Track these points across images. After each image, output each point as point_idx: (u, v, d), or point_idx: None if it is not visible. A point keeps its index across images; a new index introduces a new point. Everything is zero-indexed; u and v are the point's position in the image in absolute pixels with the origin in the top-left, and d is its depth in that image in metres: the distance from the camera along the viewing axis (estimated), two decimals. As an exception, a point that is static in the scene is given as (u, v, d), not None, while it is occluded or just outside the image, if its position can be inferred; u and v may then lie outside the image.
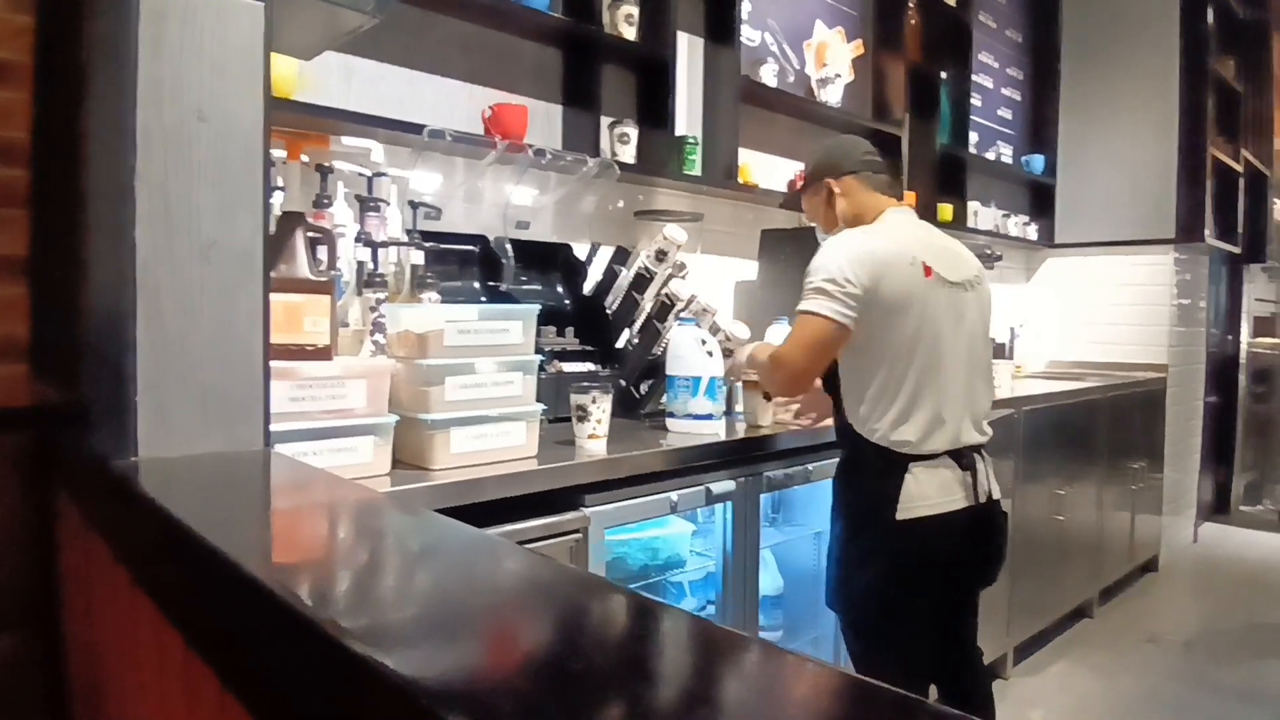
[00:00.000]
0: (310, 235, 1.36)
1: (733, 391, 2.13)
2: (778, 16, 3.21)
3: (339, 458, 1.31)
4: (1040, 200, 4.74)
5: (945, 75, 3.86)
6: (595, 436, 1.69)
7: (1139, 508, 4.07)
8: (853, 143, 1.95)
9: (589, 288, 2.34)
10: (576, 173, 2.32)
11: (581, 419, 1.69)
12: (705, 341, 1.95)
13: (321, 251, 1.39)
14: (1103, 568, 3.81)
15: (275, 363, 1.22)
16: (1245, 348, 5.60)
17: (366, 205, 1.70)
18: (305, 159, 1.71)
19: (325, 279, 1.33)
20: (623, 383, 2.16)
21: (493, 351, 1.50)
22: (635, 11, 2.52)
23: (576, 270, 2.34)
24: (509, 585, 0.65)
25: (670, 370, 1.95)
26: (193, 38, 1.11)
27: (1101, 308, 4.61)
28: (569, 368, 2.09)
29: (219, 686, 0.67)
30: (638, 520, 1.74)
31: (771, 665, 0.50)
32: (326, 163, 1.72)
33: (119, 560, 1.01)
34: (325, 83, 1.95)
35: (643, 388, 2.20)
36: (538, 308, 1.59)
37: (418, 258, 1.70)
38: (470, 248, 1.99)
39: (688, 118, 2.82)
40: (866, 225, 1.81)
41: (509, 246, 2.10)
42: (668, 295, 2.19)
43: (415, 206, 1.80)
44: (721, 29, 2.84)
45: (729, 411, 2.02)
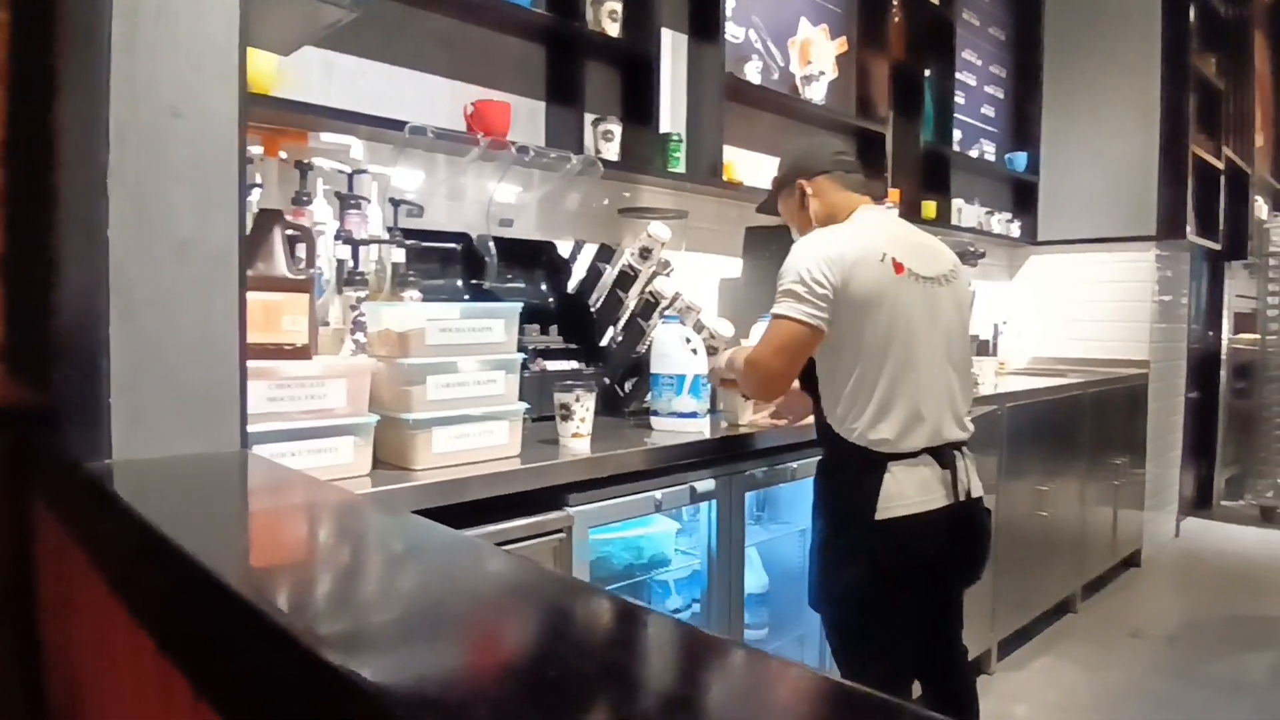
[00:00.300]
0: (288, 233, 1.34)
1: (715, 390, 2.13)
2: (762, 13, 3.20)
3: (319, 458, 1.29)
4: (1023, 197, 4.76)
5: (929, 73, 3.87)
6: (579, 435, 1.68)
7: (1121, 503, 4.10)
8: (823, 143, 1.96)
9: (573, 286, 2.33)
10: (560, 170, 2.31)
11: (565, 418, 1.68)
12: (689, 340, 1.94)
13: (300, 249, 1.38)
14: (1086, 563, 3.84)
15: (253, 362, 1.20)
16: (1226, 344, 5.65)
17: (347, 202, 1.68)
18: (284, 156, 1.69)
19: (304, 277, 1.32)
20: (607, 381, 2.15)
21: (475, 350, 1.49)
22: (619, 8, 2.51)
23: (560, 268, 2.33)
24: (486, 589, 0.65)
25: (654, 368, 1.95)
26: (167, 33, 1.09)
27: (1084, 304, 4.63)
28: (553, 366, 2.08)
29: (192, 694, 0.66)
30: (622, 519, 1.73)
31: (751, 669, 0.50)
32: (306, 159, 1.71)
33: (94, 564, 1.00)
34: (305, 78, 1.93)
35: (627, 386, 2.19)
36: (520, 306, 1.58)
37: (399, 256, 1.69)
38: (453, 245, 1.97)
39: (672, 115, 2.81)
40: (839, 224, 1.81)
41: (492, 244, 2.09)
42: (652, 293, 2.18)
43: (396, 204, 1.79)
44: (706, 26, 2.83)
45: (713, 409, 2.02)
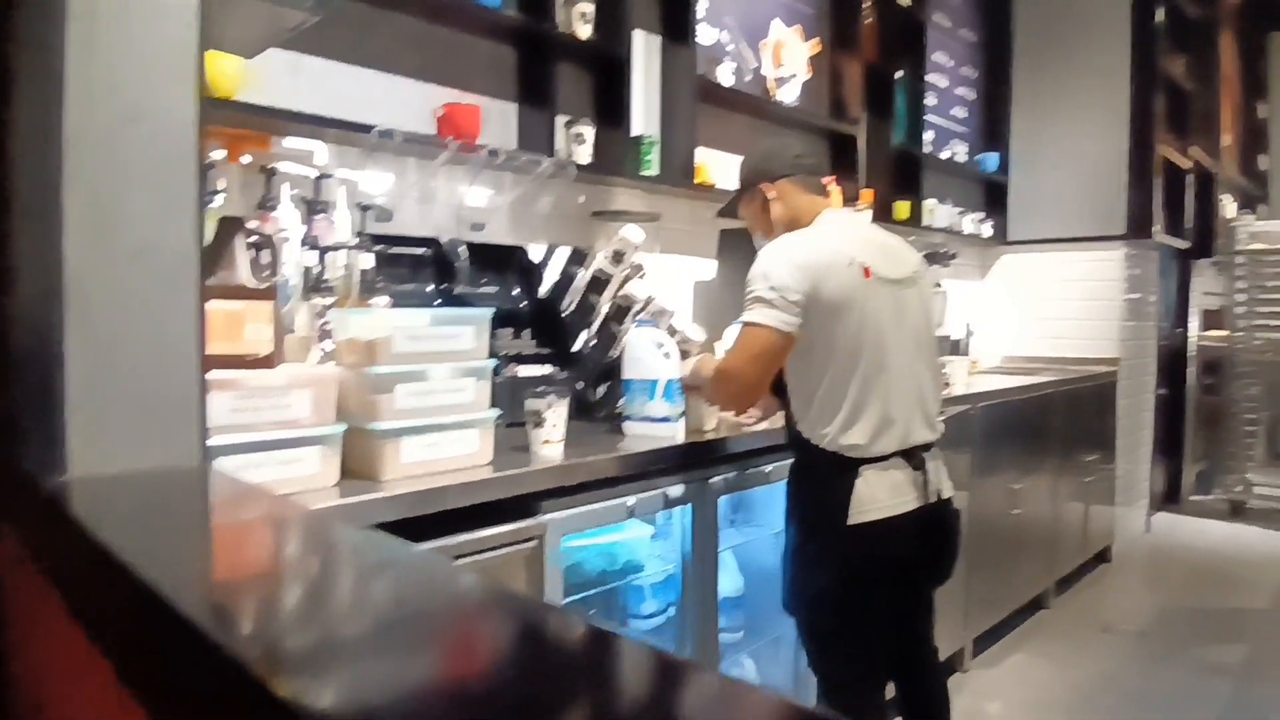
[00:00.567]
0: (251, 240, 1.32)
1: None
2: (735, 15, 3.20)
3: (284, 470, 1.27)
4: (994, 198, 4.80)
5: (900, 74, 3.89)
6: (551, 442, 1.67)
7: (1092, 499, 4.15)
8: (783, 145, 1.94)
9: (545, 290, 2.31)
10: (532, 173, 2.29)
11: (537, 425, 1.67)
12: (662, 344, 1.93)
13: (263, 256, 1.35)
14: (1058, 559, 3.87)
15: (215, 373, 1.18)
16: (1194, 340, 5.73)
17: (313, 207, 1.66)
18: (247, 160, 1.66)
19: (266, 285, 1.29)
20: (580, 386, 2.14)
21: (444, 358, 1.47)
22: (590, 9, 2.49)
23: (532, 272, 2.31)
24: (441, 610, 0.63)
25: (627, 373, 1.94)
26: (125, 36, 1.07)
27: (1054, 303, 4.68)
28: (525, 371, 2.06)
29: (149, 726, 0.64)
30: (595, 526, 1.72)
31: (701, 690, 0.49)
32: (271, 164, 1.68)
33: (52, 586, 0.97)
34: (272, 81, 1.90)
35: (600, 390, 2.18)
36: (491, 312, 1.56)
37: (367, 261, 1.66)
38: (422, 250, 1.95)
39: (645, 117, 2.80)
40: (803, 228, 1.80)
41: (463, 249, 2.07)
42: (625, 297, 2.17)
43: (364, 209, 1.76)
44: (678, 27, 2.83)
45: (686, 414, 2.01)
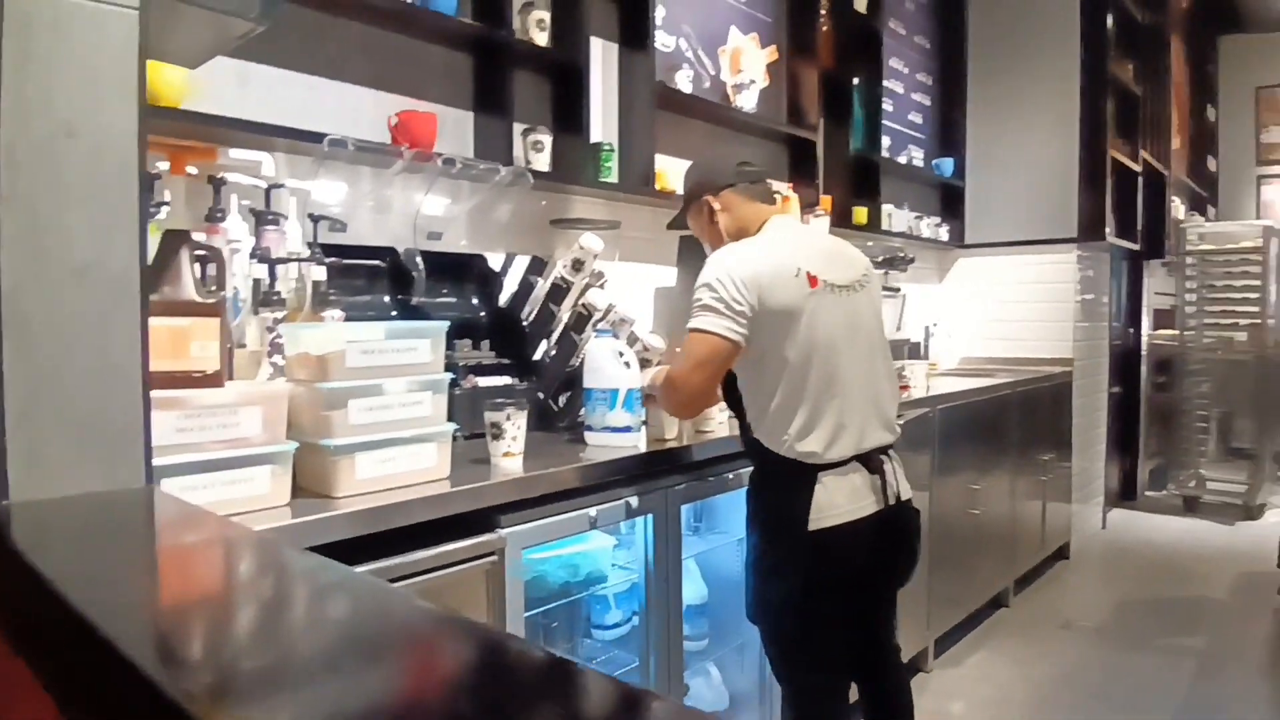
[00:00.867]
0: (197, 253, 1.29)
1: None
2: (692, 22, 3.20)
3: (233, 490, 1.24)
4: (951, 202, 4.86)
5: (857, 81, 3.92)
6: (510, 454, 1.65)
7: (1050, 497, 4.22)
8: (725, 155, 1.98)
9: (504, 299, 2.30)
10: (489, 181, 2.27)
11: (496, 436, 1.65)
12: (623, 353, 1.92)
13: (210, 270, 1.32)
14: (1017, 557, 3.93)
15: (160, 392, 1.14)
16: (1146, 340, 5.86)
17: (263, 219, 1.62)
18: (193, 171, 1.62)
19: (213, 300, 1.26)
20: (540, 396, 2.12)
21: (400, 371, 1.44)
22: (547, 17, 2.48)
23: (491, 281, 2.29)
24: (393, 639, 0.61)
25: (588, 383, 1.92)
26: (63, 48, 1.04)
27: (1010, 305, 4.75)
28: (485, 382, 2.04)
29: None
30: (556, 538, 1.70)
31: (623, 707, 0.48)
32: (218, 175, 1.64)
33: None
34: (218, 90, 1.85)
35: (561, 400, 2.17)
36: (446, 325, 1.54)
37: (319, 273, 1.63)
38: (377, 262, 1.92)
39: (603, 124, 2.79)
40: (750, 237, 1.81)
41: (419, 258, 2.04)
42: (585, 305, 2.16)
43: (316, 219, 1.73)
44: (635, 34, 2.82)
45: (648, 423, 2.00)
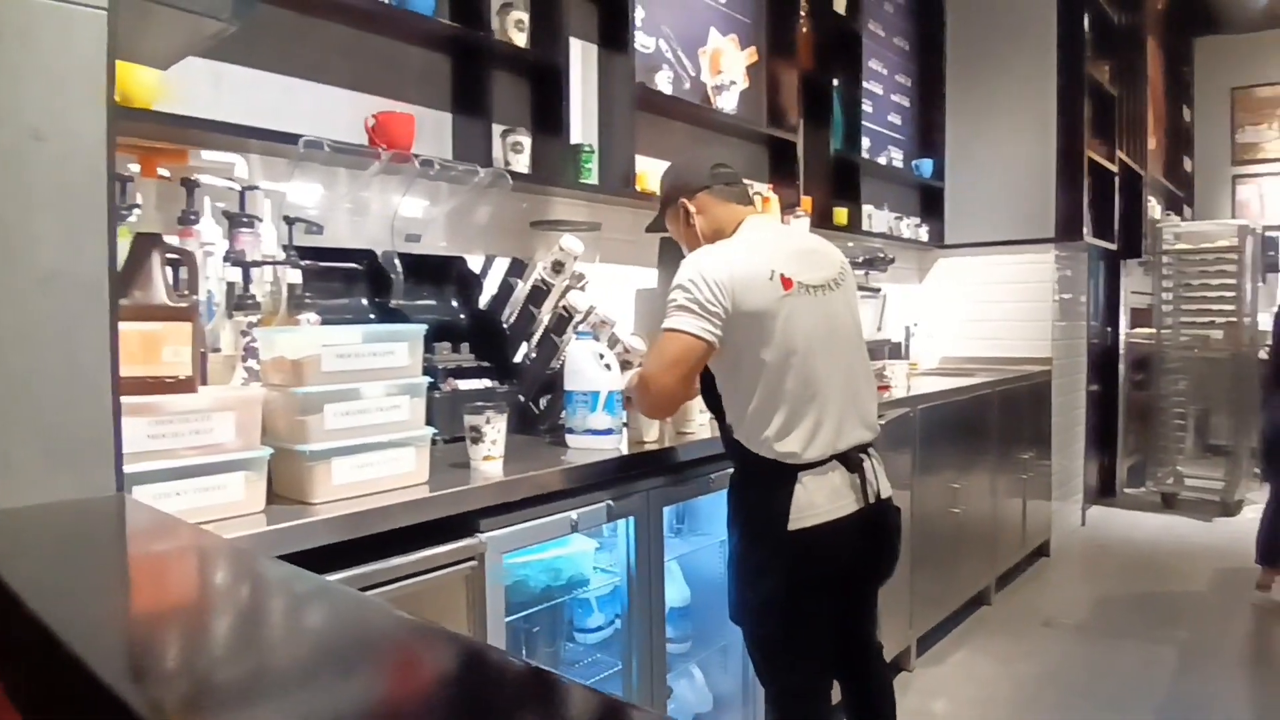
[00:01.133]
0: (169, 257, 1.27)
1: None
2: (672, 24, 3.20)
3: (207, 497, 1.22)
4: (930, 203, 4.88)
5: (837, 82, 3.94)
6: (490, 458, 1.64)
7: (1030, 495, 4.25)
8: (700, 157, 1.95)
9: (484, 302, 2.28)
10: (468, 183, 2.26)
11: (476, 440, 1.64)
12: (603, 355, 1.92)
13: (182, 273, 1.30)
14: (998, 555, 3.95)
15: (131, 398, 1.13)
16: (1124, 338, 5.91)
17: (237, 221, 1.60)
18: (165, 174, 1.60)
19: (185, 304, 1.24)
20: (521, 399, 2.11)
21: (377, 375, 1.43)
22: (525, 17, 2.47)
23: (471, 284, 2.28)
24: (365, 651, 0.60)
25: (568, 385, 1.91)
26: (29, 50, 1.03)
27: (989, 305, 4.79)
28: (465, 385, 2.02)
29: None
30: (538, 542, 1.69)
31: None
32: (192, 177, 1.62)
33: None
34: (191, 91, 1.83)
35: (542, 403, 2.16)
36: (424, 328, 1.53)
37: (295, 276, 1.61)
38: (353, 264, 1.90)
39: (583, 125, 2.78)
40: (726, 239, 1.81)
41: (397, 261, 2.02)
42: (565, 307, 2.15)
43: (291, 222, 1.71)
44: (615, 36, 2.82)
45: (629, 425, 1.99)
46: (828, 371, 1.73)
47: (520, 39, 2.46)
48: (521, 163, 2.45)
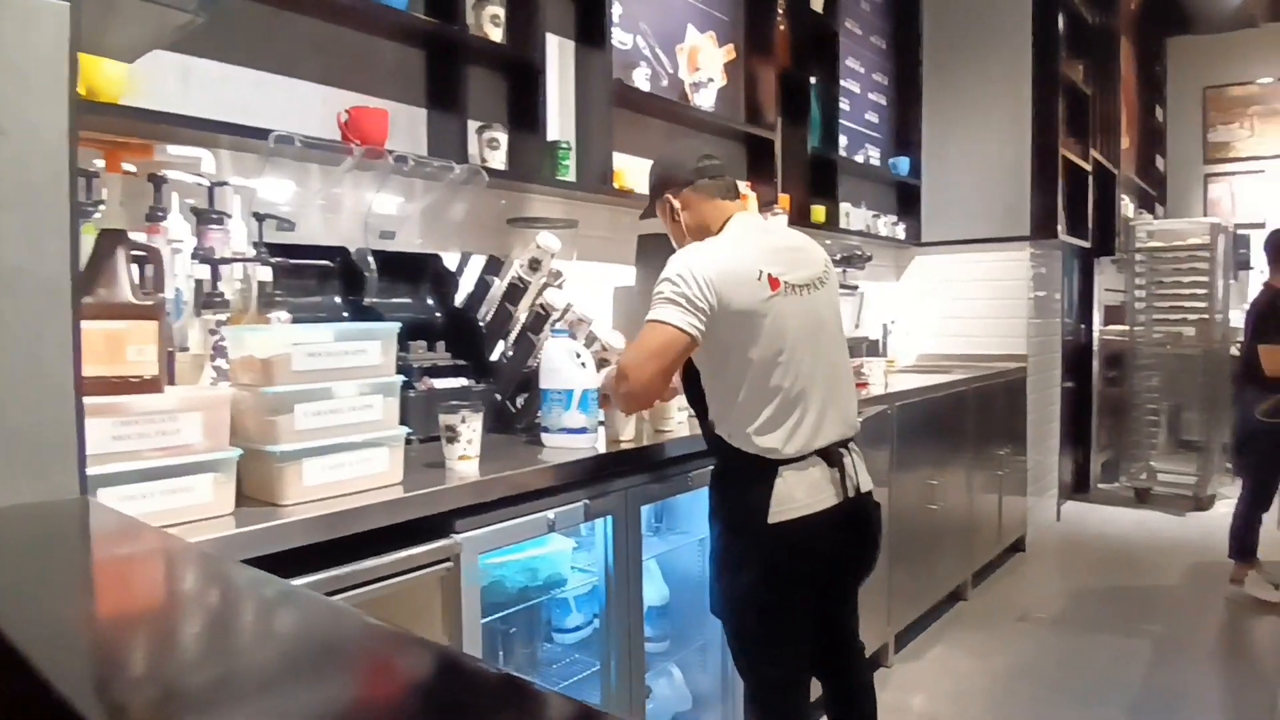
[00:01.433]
0: (134, 254, 1.24)
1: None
2: (649, 20, 3.19)
3: (174, 499, 1.19)
4: (907, 201, 4.91)
5: (814, 80, 3.94)
6: (466, 458, 1.62)
7: (1005, 491, 4.28)
8: (686, 150, 1.91)
9: (460, 299, 2.26)
10: (443, 179, 2.23)
11: (451, 440, 1.62)
12: (579, 354, 1.90)
13: (148, 271, 1.27)
14: (974, 551, 3.98)
15: (94, 398, 1.10)
16: (1097, 335, 5.97)
17: (205, 218, 1.57)
18: (132, 169, 1.56)
19: (151, 302, 1.21)
20: (498, 397, 2.09)
21: (349, 374, 1.41)
22: (501, 12, 2.45)
23: (446, 281, 2.25)
24: (340, 656, 0.59)
25: (544, 383, 1.90)
26: (-9, 46, 0.99)
27: (965, 302, 4.82)
28: (440, 384, 2.00)
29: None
30: (514, 542, 1.68)
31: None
32: (160, 172, 1.59)
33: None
34: (159, 86, 1.80)
35: (519, 402, 2.14)
36: (397, 326, 1.50)
37: (265, 274, 1.59)
38: (326, 262, 1.87)
39: (560, 122, 2.76)
40: (713, 236, 1.80)
41: (371, 258, 2.00)
42: (543, 305, 2.13)
43: (262, 218, 1.68)
44: (592, 32, 2.80)
45: (604, 423, 1.98)
46: (811, 370, 1.74)
47: (496, 34, 2.44)
48: (498, 159, 2.43)
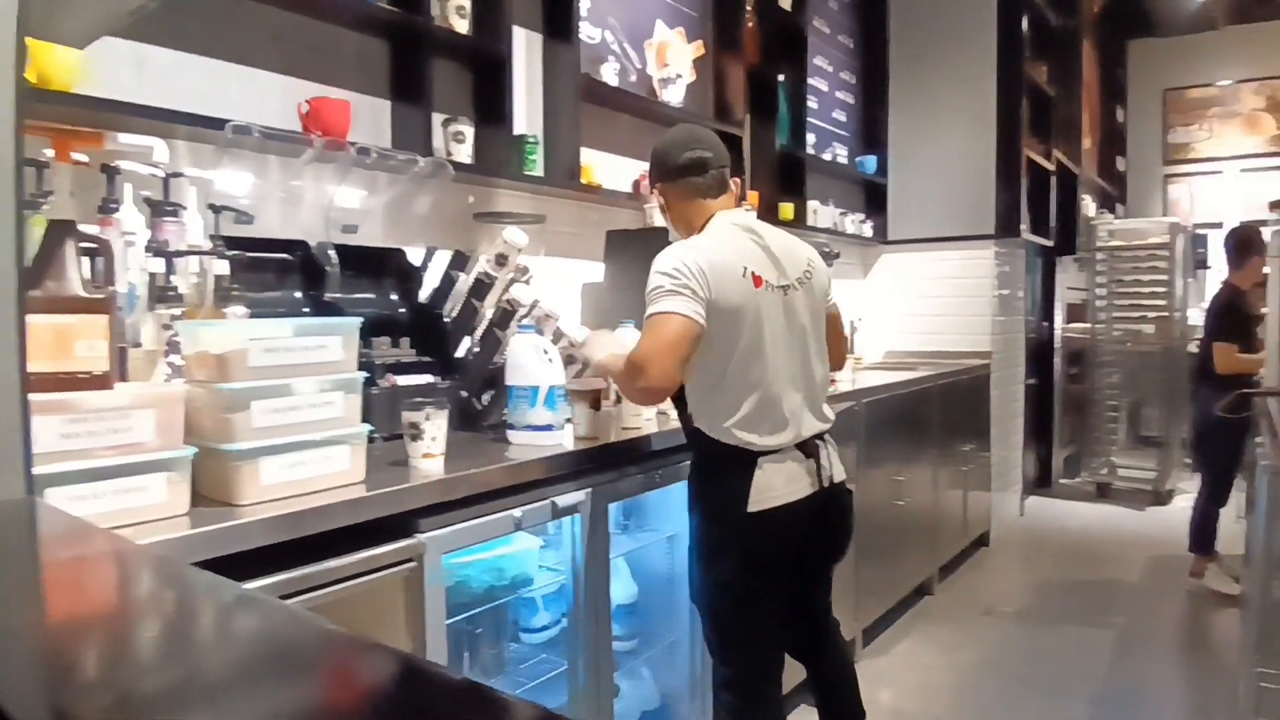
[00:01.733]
0: (83, 246, 1.20)
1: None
2: (618, 15, 3.17)
3: (126, 499, 1.15)
4: (874, 199, 4.94)
5: (782, 78, 3.94)
6: (430, 455, 1.59)
7: (970, 486, 4.32)
8: (675, 145, 1.86)
9: (425, 295, 2.22)
10: (407, 172, 2.20)
11: (415, 437, 1.59)
12: (546, 350, 1.88)
13: (98, 264, 1.23)
14: (940, 546, 4.01)
15: (41, 395, 1.06)
16: (1059, 333, 6.05)
17: (160, 210, 1.52)
18: (83, 159, 1.51)
19: (102, 296, 1.17)
20: (464, 394, 2.06)
21: (308, 370, 1.37)
22: (466, 3, 2.41)
23: (411, 276, 2.22)
24: (293, 662, 0.56)
25: (509, 380, 1.87)
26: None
27: (931, 300, 4.86)
28: (404, 381, 1.97)
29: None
30: (480, 541, 1.65)
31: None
32: (113, 163, 1.54)
33: None
34: (113, 74, 1.75)
35: (485, 398, 2.11)
36: (359, 321, 1.47)
37: (222, 267, 1.54)
38: (285, 255, 1.83)
39: (527, 116, 2.74)
40: (698, 234, 1.83)
41: (333, 252, 1.95)
42: (509, 301, 2.11)
43: (218, 210, 1.64)
44: (560, 25, 2.77)
45: (572, 420, 1.96)
46: (790, 366, 1.80)
47: (462, 25, 2.40)
48: (464, 153, 2.40)
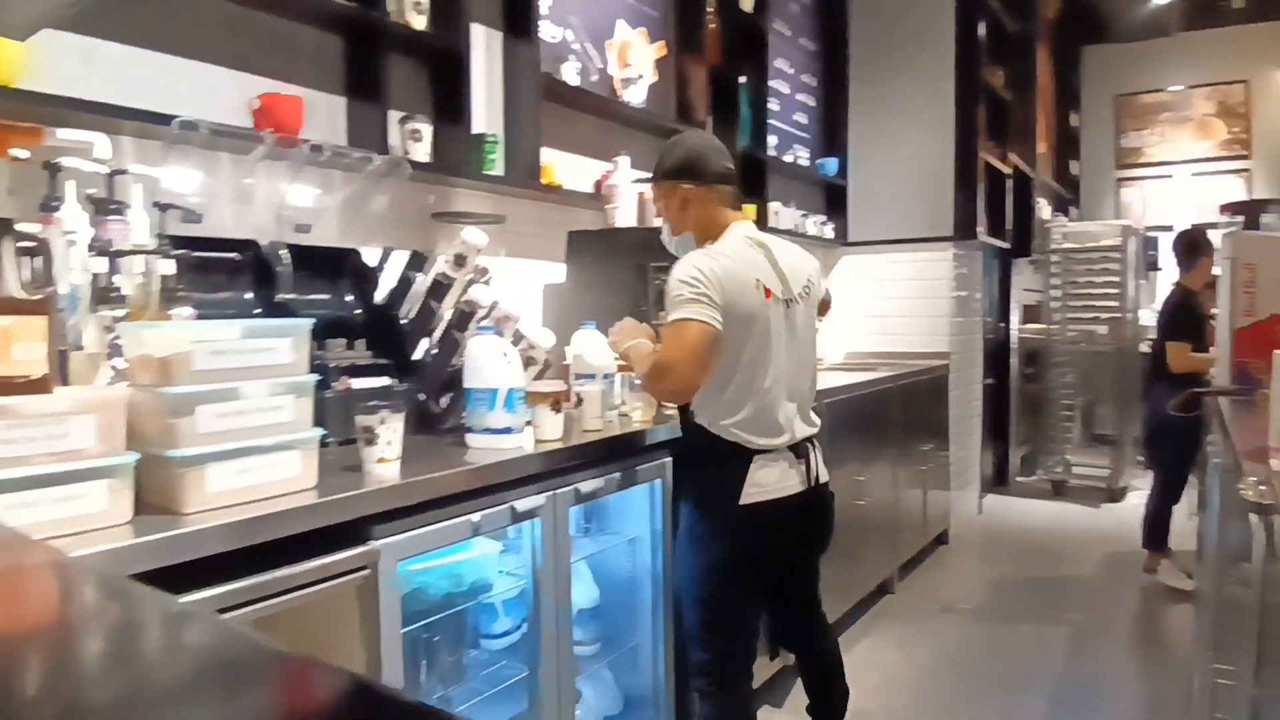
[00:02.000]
0: (21, 245, 1.15)
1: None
2: (579, 14, 3.15)
3: (64, 508, 1.11)
4: (834, 201, 4.97)
5: (744, 79, 3.95)
6: (385, 460, 1.56)
7: (930, 485, 4.37)
8: (715, 151, 2.02)
9: (381, 296, 2.18)
10: (363, 171, 2.16)
11: (369, 442, 1.55)
12: (506, 352, 1.85)
13: (37, 264, 1.19)
14: (900, 544, 4.05)
15: (-28, 400, 1.02)
16: (1015, 333, 6.15)
17: (104, 208, 1.47)
18: (24, 155, 1.45)
19: (41, 297, 1.13)
20: (421, 397, 2.03)
21: (257, 373, 1.33)
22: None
23: (366, 277, 2.17)
24: (226, 684, 0.54)
25: (467, 382, 1.84)
26: None
27: (891, 301, 4.90)
28: (360, 383, 1.93)
29: None
30: (437, 547, 1.62)
31: None
32: (55, 159, 1.48)
33: None
34: (58, 68, 1.69)
35: (443, 401, 2.08)
36: (310, 323, 1.43)
37: (168, 267, 1.50)
38: (235, 255, 1.78)
39: (487, 115, 2.71)
40: (713, 241, 1.93)
41: (285, 252, 1.91)
42: (468, 302, 2.08)
43: (164, 208, 1.59)
44: (520, 23, 2.75)
45: (531, 423, 1.94)
46: (788, 375, 1.94)
47: (419, 21, 2.37)
48: (421, 151, 2.36)
